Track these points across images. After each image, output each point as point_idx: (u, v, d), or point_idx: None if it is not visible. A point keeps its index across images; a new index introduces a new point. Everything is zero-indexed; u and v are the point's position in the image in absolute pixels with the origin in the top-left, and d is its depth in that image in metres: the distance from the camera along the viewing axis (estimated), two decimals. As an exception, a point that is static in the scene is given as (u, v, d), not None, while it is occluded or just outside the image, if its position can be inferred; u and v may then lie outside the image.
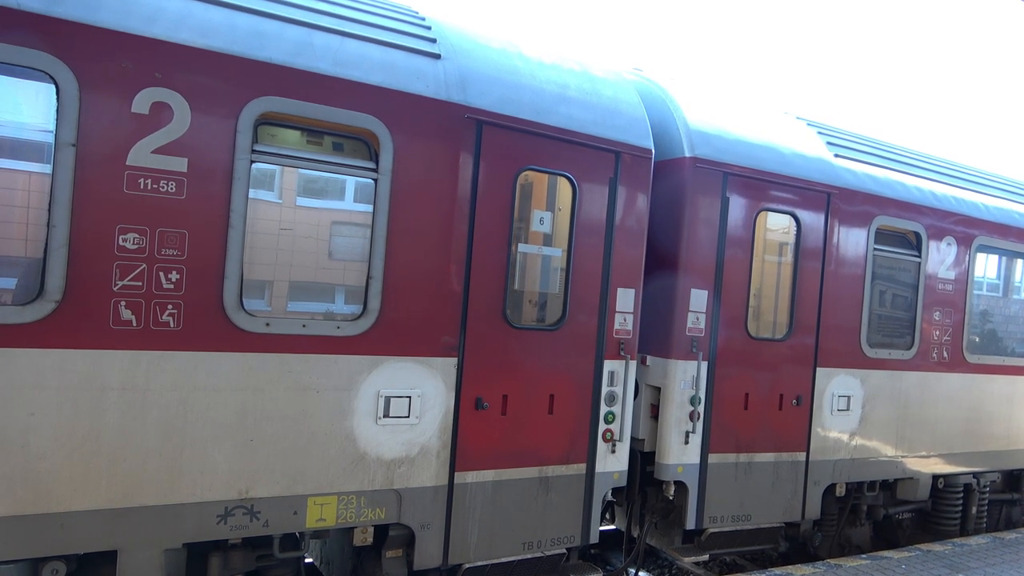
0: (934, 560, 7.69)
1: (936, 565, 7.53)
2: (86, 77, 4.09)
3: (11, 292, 4.10)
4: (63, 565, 4.24)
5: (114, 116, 4.18)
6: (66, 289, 4.08)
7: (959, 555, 7.94)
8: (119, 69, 4.18)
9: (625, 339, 6.10)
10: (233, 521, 4.59)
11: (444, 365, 5.27)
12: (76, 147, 4.08)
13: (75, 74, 4.07)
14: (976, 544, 8.42)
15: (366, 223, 4.98)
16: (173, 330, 4.37)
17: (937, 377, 8.24)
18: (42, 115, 4.10)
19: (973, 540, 8.57)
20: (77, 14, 4.10)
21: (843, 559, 7.51)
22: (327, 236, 4.95)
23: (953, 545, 8.30)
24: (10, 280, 4.12)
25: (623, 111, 6.15)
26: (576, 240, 5.82)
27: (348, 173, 4.95)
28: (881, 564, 7.44)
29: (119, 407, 4.24)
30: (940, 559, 7.75)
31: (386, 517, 5.11)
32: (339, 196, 5.08)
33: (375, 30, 5.21)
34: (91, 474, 4.19)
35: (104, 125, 4.15)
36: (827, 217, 7.18)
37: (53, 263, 4.05)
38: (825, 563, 7.29)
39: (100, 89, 4.14)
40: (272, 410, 4.66)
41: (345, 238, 5.01)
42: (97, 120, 4.13)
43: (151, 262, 4.30)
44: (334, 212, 5.03)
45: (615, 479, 6.15)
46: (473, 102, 5.33)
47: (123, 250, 4.22)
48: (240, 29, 4.60)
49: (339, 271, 5.03)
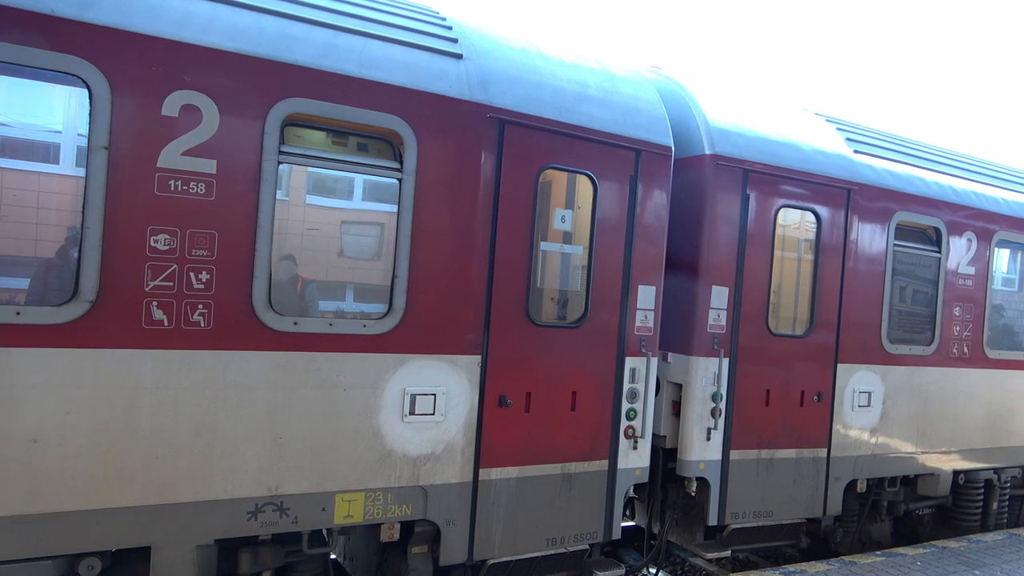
0: (949, 557, 7.67)
1: (951, 562, 7.50)
2: (118, 81, 4.16)
3: (47, 293, 4.18)
4: (99, 561, 4.32)
5: (145, 119, 4.24)
6: (100, 290, 4.15)
7: (975, 552, 7.91)
8: (149, 73, 4.24)
9: (646, 336, 6.12)
10: (263, 517, 4.65)
11: (468, 363, 5.31)
12: (108, 150, 4.15)
13: (107, 78, 4.13)
14: (992, 540, 8.39)
15: (391, 223, 5.02)
16: (204, 329, 4.43)
17: (957, 373, 8.22)
18: (76, 119, 4.17)
19: (989, 536, 8.53)
20: (109, 19, 4.16)
21: (857, 556, 7.50)
22: (354, 235, 5.01)
23: (968, 542, 8.27)
24: (50, 281, 4.19)
25: (643, 109, 6.17)
26: (597, 238, 5.85)
27: (373, 173, 5.00)
28: (896, 561, 7.43)
29: (152, 406, 4.31)
30: (955, 556, 7.72)
31: (412, 513, 5.16)
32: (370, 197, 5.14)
33: (398, 31, 5.26)
34: (125, 471, 4.26)
35: (135, 128, 4.22)
36: (847, 213, 7.18)
37: (87, 264, 4.11)
38: (839, 560, 7.29)
39: (131, 93, 4.20)
40: (301, 408, 4.72)
41: (370, 238, 5.07)
42: (128, 123, 4.20)
43: (182, 263, 4.36)
44: (362, 212, 5.08)
45: (637, 476, 6.18)
46: (495, 102, 5.36)
47: (154, 251, 4.29)
48: (267, 32, 4.66)
49: (365, 271, 5.09)
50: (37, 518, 4.05)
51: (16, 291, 4.11)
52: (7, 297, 4.07)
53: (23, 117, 4.14)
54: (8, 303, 4.01)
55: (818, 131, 7.43)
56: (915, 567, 7.24)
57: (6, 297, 4.07)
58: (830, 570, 6.98)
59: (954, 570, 7.24)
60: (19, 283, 4.14)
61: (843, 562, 7.24)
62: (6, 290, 4.08)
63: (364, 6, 5.32)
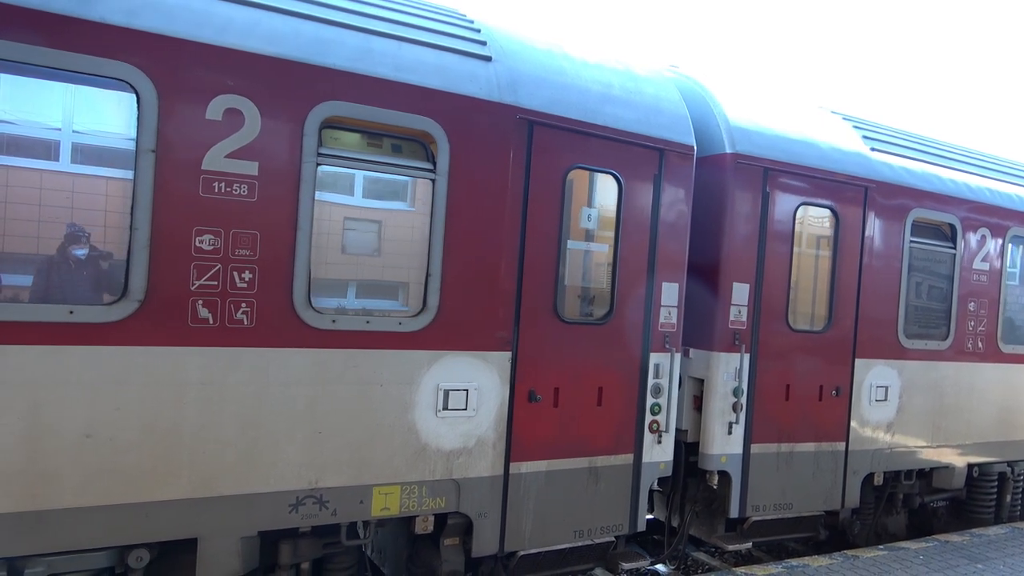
0: (952, 551, 7.70)
1: (954, 556, 7.53)
2: (164, 86, 4.28)
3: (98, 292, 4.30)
4: (147, 552, 4.44)
5: (190, 123, 4.36)
6: (148, 289, 4.27)
7: (977, 546, 7.95)
8: (194, 78, 4.36)
9: (670, 332, 6.24)
10: (304, 510, 4.78)
11: (499, 359, 5.43)
12: (155, 153, 4.26)
13: (154, 83, 4.25)
14: (995, 534, 8.43)
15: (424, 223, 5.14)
16: (247, 327, 4.55)
17: (971, 367, 8.33)
18: (124, 123, 4.29)
19: (992, 530, 8.59)
20: (155, 25, 4.28)
21: (860, 550, 7.55)
22: (391, 235, 5.13)
23: (971, 535, 8.31)
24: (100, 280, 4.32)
25: (665, 109, 6.28)
26: (622, 236, 5.96)
27: (406, 174, 5.11)
28: (899, 555, 7.46)
29: (198, 402, 4.43)
30: (958, 550, 7.75)
31: (446, 506, 5.29)
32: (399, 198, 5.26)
33: (429, 34, 5.36)
34: (173, 465, 4.39)
35: (181, 131, 4.34)
36: (865, 210, 7.28)
37: (135, 264, 4.24)
38: (842, 554, 7.36)
39: (177, 97, 4.32)
40: (339, 404, 4.84)
41: (404, 238, 5.19)
42: (174, 127, 4.32)
43: (225, 262, 4.48)
44: (395, 213, 5.21)
45: (661, 469, 6.30)
46: (524, 103, 5.47)
47: (200, 251, 4.41)
48: (304, 36, 4.77)
49: (400, 269, 5.21)
50: (89, 511, 4.18)
51: (69, 290, 4.23)
52: (60, 296, 4.19)
53: (78, 122, 4.26)
54: (62, 302, 4.13)
55: (835, 129, 7.53)
56: (917, 561, 7.29)
57: (60, 296, 4.19)
58: (832, 564, 7.05)
59: (957, 564, 7.29)
60: (72, 283, 4.26)
61: (845, 556, 7.30)
62: (60, 290, 4.20)
63: (394, 9, 5.42)
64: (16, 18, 3.91)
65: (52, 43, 3.99)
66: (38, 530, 4.07)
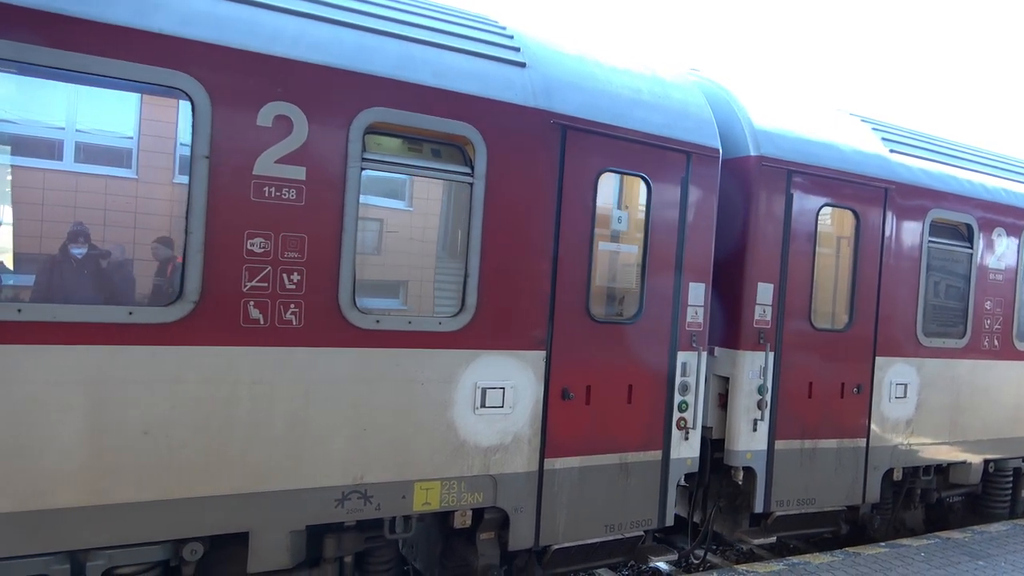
0: (953, 547, 7.76)
1: (955, 552, 7.59)
2: (217, 94, 4.41)
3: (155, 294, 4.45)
4: (201, 545, 4.59)
5: (242, 129, 4.50)
6: (202, 291, 4.41)
7: (978, 542, 8.01)
8: (246, 86, 4.49)
9: (696, 331, 6.37)
10: (349, 505, 4.92)
11: (534, 358, 5.57)
12: (209, 159, 4.40)
13: (208, 91, 4.39)
14: (996, 531, 8.50)
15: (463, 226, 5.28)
16: (295, 328, 4.69)
17: (988, 365, 8.47)
18: (180, 130, 4.43)
19: (993, 527, 8.66)
20: (209, 35, 4.41)
21: (861, 547, 7.62)
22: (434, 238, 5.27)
23: (973, 532, 8.38)
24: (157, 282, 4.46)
25: (692, 113, 6.41)
26: (651, 237, 6.10)
27: (446, 178, 5.25)
28: (900, 552, 7.52)
29: (250, 400, 4.57)
30: (959, 546, 7.81)
31: (483, 501, 5.43)
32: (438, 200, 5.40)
33: (465, 41, 5.50)
34: (225, 462, 4.53)
35: (233, 138, 4.47)
36: (885, 211, 7.42)
37: (190, 267, 4.37)
38: (843, 551, 7.44)
39: (229, 104, 4.46)
40: (383, 401, 4.98)
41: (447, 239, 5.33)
42: (227, 133, 4.45)
43: (275, 264, 4.62)
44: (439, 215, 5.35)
45: (688, 465, 6.44)
46: (558, 108, 5.61)
47: (251, 254, 4.55)
48: (348, 44, 4.90)
49: (440, 270, 5.36)
50: (148, 505, 4.33)
51: (128, 292, 4.38)
52: (120, 298, 4.33)
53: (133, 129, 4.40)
54: (121, 304, 4.28)
55: (855, 132, 7.66)
56: (919, 558, 7.35)
57: (119, 298, 4.33)
58: (834, 561, 7.13)
59: (958, 560, 7.34)
60: (130, 285, 4.41)
61: (847, 553, 7.38)
62: (121, 291, 4.34)
63: (431, 17, 5.55)
64: (79, 30, 4.05)
65: (113, 54, 4.13)
66: (100, 524, 4.21)
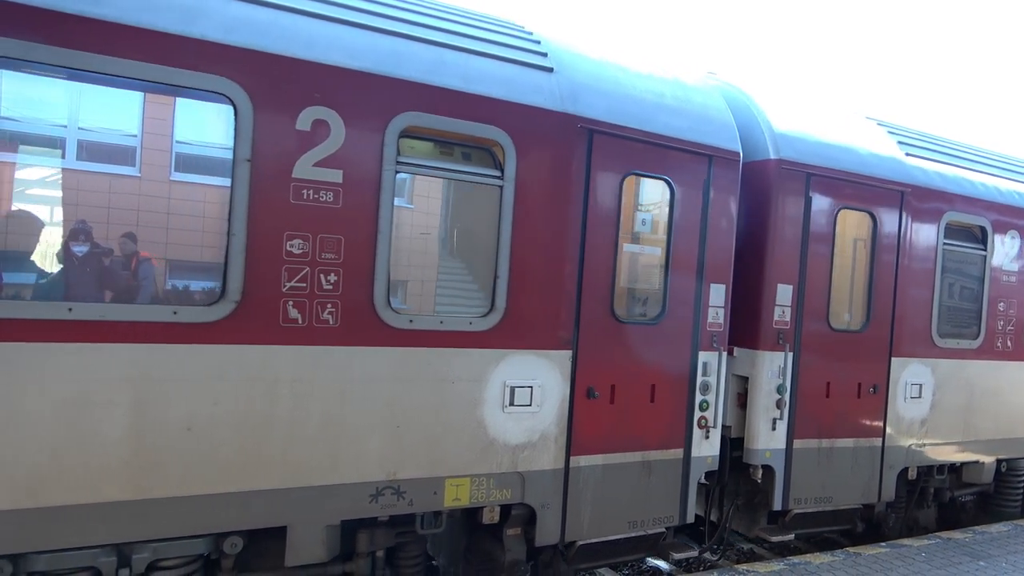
0: (954, 548, 7.79)
1: (956, 553, 7.62)
2: (259, 99, 4.52)
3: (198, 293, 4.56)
4: (240, 539, 4.70)
5: (282, 133, 4.61)
6: (244, 291, 4.52)
7: (979, 543, 8.05)
8: (286, 91, 4.60)
9: (717, 332, 6.48)
10: (383, 500, 5.04)
11: (561, 357, 5.68)
12: (251, 162, 4.52)
13: (249, 96, 4.50)
14: (997, 532, 8.54)
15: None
16: (332, 327, 4.80)
17: (1001, 365, 8.57)
18: (222, 134, 4.54)
19: (994, 528, 8.71)
20: (251, 42, 4.53)
21: (863, 547, 7.68)
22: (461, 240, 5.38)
23: (974, 533, 8.43)
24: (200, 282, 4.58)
25: (713, 117, 6.52)
26: (674, 240, 6.20)
27: (476, 181, 5.36)
28: (901, 552, 7.56)
29: (289, 397, 4.69)
30: (960, 547, 7.84)
31: (511, 497, 5.54)
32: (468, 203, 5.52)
33: (495, 46, 5.61)
34: (265, 457, 4.64)
35: (274, 142, 4.59)
36: (901, 214, 7.52)
37: (233, 267, 4.49)
38: (844, 551, 7.51)
39: (270, 109, 4.57)
40: (415, 399, 5.09)
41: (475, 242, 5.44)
42: (268, 137, 4.57)
43: (313, 265, 4.73)
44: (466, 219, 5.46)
45: (708, 463, 6.54)
46: (584, 112, 5.71)
47: (290, 255, 4.66)
48: (382, 50, 5.01)
49: (469, 272, 5.46)
50: (191, 499, 4.44)
51: (174, 292, 4.50)
52: (167, 297, 4.45)
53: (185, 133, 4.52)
54: (167, 303, 4.39)
55: (871, 135, 7.76)
56: (919, 558, 7.39)
57: (166, 297, 4.45)
58: (834, 561, 7.18)
59: (959, 561, 7.38)
60: (177, 284, 4.53)
61: (847, 553, 7.44)
62: (165, 291, 4.46)
63: (461, 23, 5.66)
64: (128, 37, 4.16)
65: (159, 59, 4.24)
66: (145, 517, 4.32)
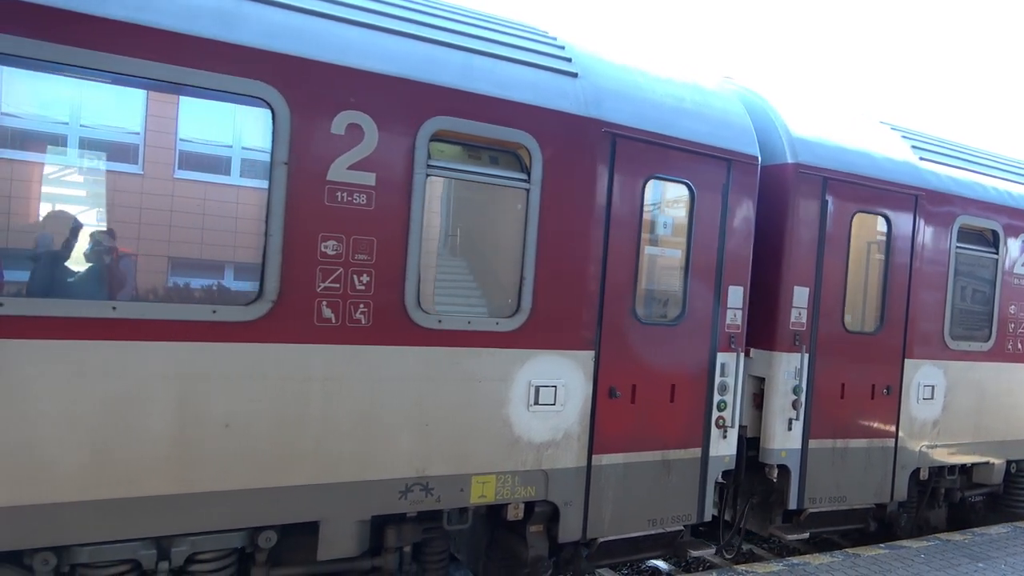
0: (953, 550, 7.84)
1: (955, 554, 7.67)
2: (296, 103, 4.63)
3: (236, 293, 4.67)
4: (275, 533, 4.81)
5: (318, 137, 4.72)
6: (280, 291, 4.63)
7: (979, 544, 8.09)
8: (321, 95, 4.71)
9: (735, 333, 6.59)
10: (412, 496, 5.15)
11: (584, 357, 5.79)
12: (288, 165, 4.62)
13: (287, 101, 4.61)
14: (997, 534, 8.59)
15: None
16: (364, 327, 4.91)
17: (1011, 368, 8.68)
18: (260, 138, 4.65)
19: (994, 529, 8.76)
20: (288, 47, 4.64)
21: (862, 548, 7.75)
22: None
23: (973, 534, 8.47)
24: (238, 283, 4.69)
25: (732, 122, 6.62)
26: (694, 242, 6.31)
27: (503, 184, 5.46)
28: (900, 553, 7.62)
29: (322, 395, 4.79)
30: (960, 548, 7.89)
31: (535, 494, 5.65)
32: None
33: (521, 52, 5.71)
34: (300, 453, 4.75)
35: (310, 145, 4.70)
36: (915, 218, 7.62)
37: (270, 268, 4.60)
38: (843, 552, 7.58)
39: (307, 113, 4.68)
40: (444, 398, 5.20)
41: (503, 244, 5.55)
42: (304, 141, 4.68)
43: (346, 266, 4.84)
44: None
45: (726, 462, 6.65)
46: (608, 117, 5.82)
47: (324, 256, 4.77)
48: (414, 55, 5.12)
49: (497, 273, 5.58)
50: (229, 494, 4.55)
51: (213, 291, 4.61)
52: (206, 297, 4.56)
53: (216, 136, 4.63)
54: (206, 302, 4.50)
55: (885, 139, 7.87)
56: (919, 560, 7.43)
57: (205, 297, 4.56)
58: (833, 562, 7.24)
59: (958, 562, 7.42)
60: (216, 284, 4.64)
61: (846, 554, 7.50)
62: (206, 291, 4.57)
63: (489, 28, 5.77)
64: (177, 44, 4.27)
65: (203, 65, 4.35)
66: (185, 511, 4.43)
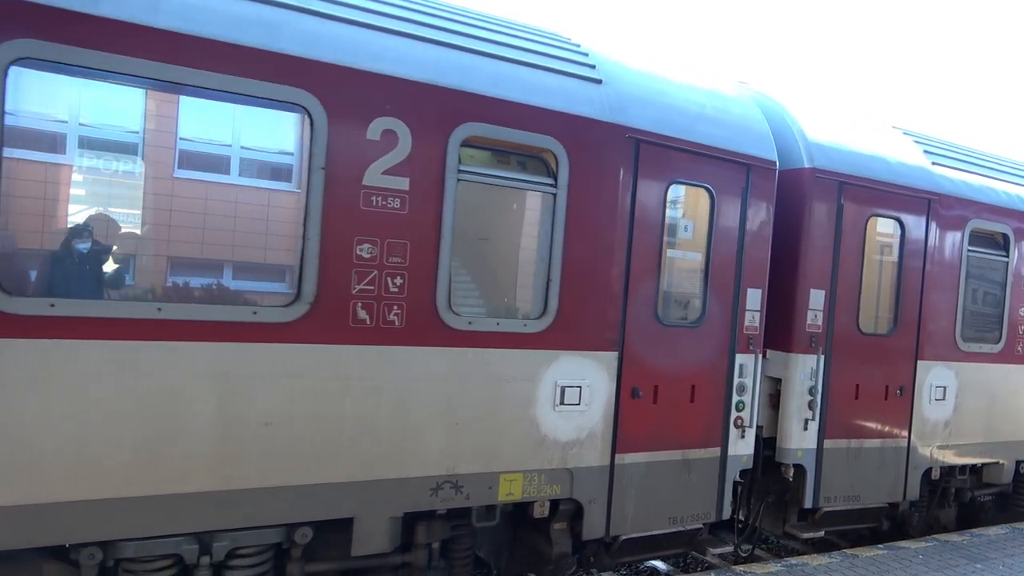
0: (951, 550, 7.90)
1: (953, 555, 7.73)
2: (333, 109, 4.75)
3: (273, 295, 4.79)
4: (311, 530, 4.92)
5: (354, 142, 4.83)
6: (317, 293, 4.75)
7: (977, 545, 8.15)
8: (358, 102, 4.83)
9: (753, 335, 6.71)
10: (442, 494, 5.26)
11: (608, 358, 5.91)
12: (325, 170, 4.74)
13: (324, 107, 4.72)
14: (995, 534, 8.66)
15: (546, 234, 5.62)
16: (398, 328, 5.03)
17: (1021, 369, 8.81)
18: (297, 143, 4.77)
19: (992, 530, 8.83)
20: (326, 55, 4.75)
21: (860, 548, 7.84)
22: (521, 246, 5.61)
23: (971, 535, 8.54)
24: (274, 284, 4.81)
25: (751, 127, 6.74)
26: (713, 246, 6.43)
27: (531, 188, 5.59)
28: (898, 554, 7.66)
29: (358, 395, 4.91)
30: (958, 549, 7.95)
31: (561, 492, 5.77)
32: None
33: (548, 59, 5.83)
34: (336, 452, 4.86)
35: (346, 151, 4.81)
36: (928, 221, 7.75)
37: (307, 270, 4.71)
38: (841, 552, 7.66)
39: (343, 119, 4.79)
40: (473, 398, 5.32)
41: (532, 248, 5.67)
42: (341, 146, 4.79)
43: (381, 269, 4.96)
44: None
45: (743, 462, 6.78)
46: (632, 123, 5.94)
47: (360, 258, 4.89)
48: (447, 63, 5.24)
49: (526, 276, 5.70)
50: (268, 491, 4.67)
51: (253, 293, 4.72)
52: (247, 299, 4.68)
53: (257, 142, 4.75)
54: (247, 304, 4.62)
55: (899, 144, 7.99)
56: (917, 560, 7.49)
57: (246, 299, 4.67)
58: (832, 563, 7.31)
59: (956, 563, 7.48)
60: (255, 286, 4.75)
61: (844, 555, 7.57)
62: (250, 292, 4.69)
63: (516, 36, 5.89)
64: (227, 53, 4.39)
65: (247, 73, 4.47)
66: (226, 507, 4.55)
